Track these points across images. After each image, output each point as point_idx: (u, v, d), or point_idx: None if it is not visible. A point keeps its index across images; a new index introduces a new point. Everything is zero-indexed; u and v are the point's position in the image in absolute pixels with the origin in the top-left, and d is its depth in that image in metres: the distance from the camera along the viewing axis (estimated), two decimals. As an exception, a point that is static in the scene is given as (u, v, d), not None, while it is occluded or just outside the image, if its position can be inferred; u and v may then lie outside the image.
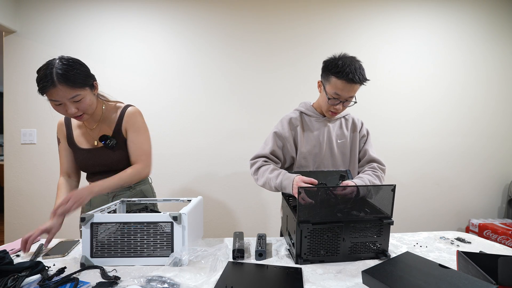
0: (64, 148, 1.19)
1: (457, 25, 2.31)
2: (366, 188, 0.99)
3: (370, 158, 1.23)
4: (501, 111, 2.39)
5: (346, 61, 1.08)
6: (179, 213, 0.88)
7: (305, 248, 0.89)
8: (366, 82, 1.11)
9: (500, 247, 1.06)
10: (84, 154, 1.15)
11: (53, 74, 0.95)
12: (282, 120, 1.26)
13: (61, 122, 1.21)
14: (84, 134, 1.17)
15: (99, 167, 1.16)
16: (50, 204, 2.09)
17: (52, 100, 0.98)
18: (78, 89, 1.00)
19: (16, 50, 2.04)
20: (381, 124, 2.27)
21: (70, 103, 1.00)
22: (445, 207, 2.38)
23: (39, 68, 0.99)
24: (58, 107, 1.01)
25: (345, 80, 1.06)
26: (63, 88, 0.96)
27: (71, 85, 0.97)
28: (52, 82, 0.95)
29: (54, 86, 0.95)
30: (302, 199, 0.89)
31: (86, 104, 1.04)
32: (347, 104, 1.15)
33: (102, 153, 1.15)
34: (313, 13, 2.20)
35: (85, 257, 0.87)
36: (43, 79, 0.95)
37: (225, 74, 2.16)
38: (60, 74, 0.95)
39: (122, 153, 1.16)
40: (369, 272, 0.72)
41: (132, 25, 2.09)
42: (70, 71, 0.97)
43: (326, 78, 1.14)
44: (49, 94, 0.97)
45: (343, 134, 1.25)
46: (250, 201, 2.21)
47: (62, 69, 0.96)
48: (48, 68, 0.96)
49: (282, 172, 1.11)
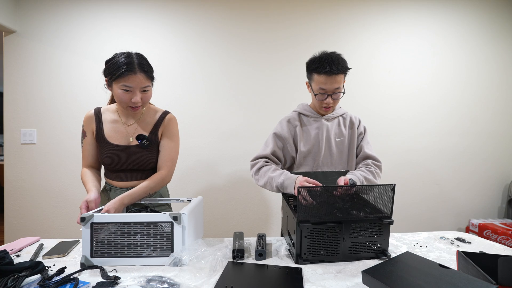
0: (89, 143, 1.18)
1: (457, 24, 2.31)
2: (361, 183, 1.00)
3: (365, 155, 1.25)
4: (501, 111, 2.39)
5: (323, 56, 1.13)
6: (179, 213, 0.88)
7: (305, 248, 0.89)
8: (347, 71, 1.16)
9: (500, 247, 1.06)
10: (114, 150, 1.15)
11: (135, 63, 1.04)
12: (281, 121, 1.29)
13: (91, 116, 1.18)
14: (117, 130, 1.16)
15: (127, 164, 1.16)
16: (50, 204, 2.10)
17: (126, 85, 1.04)
18: (149, 81, 1.10)
19: (16, 50, 2.04)
20: (381, 123, 2.27)
21: (139, 91, 1.07)
22: (445, 207, 2.38)
23: (115, 55, 1.07)
24: (126, 94, 1.06)
25: (324, 73, 1.11)
26: (141, 76, 1.05)
27: (147, 75, 1.07)
28: (134, 69, 1.03)
29: (134, 73, 1.04)
30: (303, 199, 0.90)
31: (149, 96, 1.12)
32: (336, 97, 1.18)
33: (133, 151, 1.15)
34: (313, 12, 2.20)
35: (85, 257, 0.87)
36: (125, 65, 1.03)
37: (225, 73, 2.16)
38: (141, 64, 1.06)
39: (152, 155, 1.19)
40: (369, 272, 0.72)
41: (132, 24, 2.09)
42: (147, 64, 1.09)
43: (310, 77, 1.20)
44: (125, 79, 1.03)
45: (341, 133, 1.26)
46: (250, 201, 2.21)
47: (142, 61, 1.08)
48: (129, 56, 1.05)
49: (285, 172, 1.12)
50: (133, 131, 1.17)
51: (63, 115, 2.08)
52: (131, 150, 1.15)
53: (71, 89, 2.07)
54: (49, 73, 2.05)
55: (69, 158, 2.09)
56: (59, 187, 2.10)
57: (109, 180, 1.21)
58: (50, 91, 2.06)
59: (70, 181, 2.10)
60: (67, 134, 2.08)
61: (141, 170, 1.18)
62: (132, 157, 1.15)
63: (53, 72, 2.05)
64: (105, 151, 1.15)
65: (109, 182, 1.22)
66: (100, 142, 1.16)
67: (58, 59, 2.06)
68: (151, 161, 1.19)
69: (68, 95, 2.07)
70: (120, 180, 1.18)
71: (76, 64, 2.07)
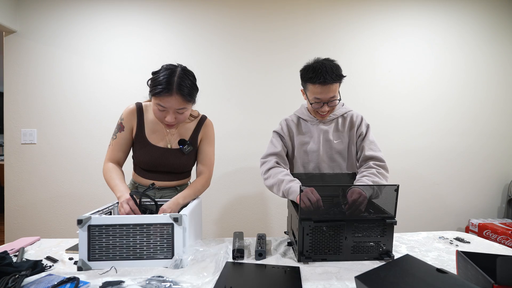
0: (124, 137, 1.14)
1: (457, 24, 2.30)
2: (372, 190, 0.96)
3: (366, 157, 1.19)
4: (501, 111, 2.39)
5: (317, 66, 1.10)
6: (180, 214, 0.88)
7: (307, 246, 0.90)
8: (342, 79, 1.13)
9: (499, 247, 1.06)
10: (156, 152, 1.14)
11: (174, 83, 0.97)
12: (281, 122, 1.31)
13: (132, 111, 1.15)
14: (158, 133, 1.16)
15: (165, 167, 1.16)
16: (50, 204, 2.10)
17: (160, 104, 1.00)
18: (186, 103, 1.03)
19: (16, 50, 2.03)
20: (381, 123, 2.27)
21: (173, 112, 1.02)
22: (444, 207, 2.38)
23: (158, 71, 1.01)
24: (161, 112, 1.02)
25: (319, 83, 1.09)
26: (178, 98, 0.99)
27: (184, 98, 1.00)
28: (171, 90, 0.97)
29: (170, 94, 0.98)
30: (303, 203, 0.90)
31: (185, 116, 1.06)
32: (331, 104, 1.15)
33: (174, 155, 1.16)
34: (313, 12, 2.20)
35: (82, 260, 0.85)
36: (163, 84, 0.97)
37: (225, 73, 2.16)
38: (181, 86, 0.98)
39: (190, 160, 1.21)
40: (361, 278, 0.70)
41: (132, 24, 2.09)
42: (188, 84, 1.01)
43: (304, 85, 1.18)
44: (161, 98, 0.99)
45: (340, 135, 1.24)
46: (250, 201, 2.21)
47: (184, 81, 0.99)
48: (170, 75, 0.98)
49: (296, 181, 1.09)
50: (174, 136, 1.17)
51: (63, 115, 2.08)
52: (172, 154, 1.16)
53: (71, 89, 2.07)
54: (49, 73, 2.05)
55: (69, 158, 2.09)
56: (59, 187, 2.10)
57: (139, 177, 1.21)
58: (50, 91, 2.06)
59: (70, 181, 2.10)
60: (67, 134, 2.08)
61: (175, 173, 1.19)
62: (172, 160, 1.16)
63: (53, 72, 2.05)
64: (145, 151, 1.14)
65: (137, 180, 1.22)
66: (140, 141, 1.14)
67: (58, 59, 2.06)
68: (187, 166, 1.21)
69: (68, 95, 2.07)
70: (151, 179, 1.18)
71: (76, 64, 2.07)
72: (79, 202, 2.11)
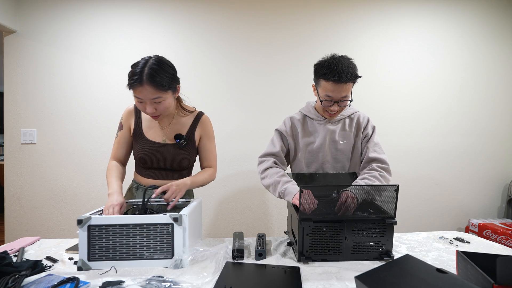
0: (124, 136, 1.20)
1: (457, 24, 2.30)
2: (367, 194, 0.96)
3: (369, 158, 1.18)
4: (500, 111, 2.39)
5: (332, 62, 1.06)
6: (180, 214, 0.88)
7: (307, 246, 0.90)
8: (357, 79, 1.09)
9: (499, 247, 1.06)
10: (153, 147, 1.16)
11: (144, 73, 0.99)
12: (285, 120, 1.27)
13: (130, 111, 1.20)
14: (154, 129, 1.18)
15: (162, 163, 1.17)
16: (50, 204, 2.10)
17: (136, 97, 1.03)
18: (160, 92, 1.02)
19: (16, 50, 2.03)
20: (381, 123, 2.27)
21: (150, 103, 1.03)
22: (444, 207, 2.38)
23: (134, 64, 1.02)
24: (140, 104, 1.05)
25: (332, 81, 1.05)
26: (149, 88, 1.00)
27: (155, 86, 1.00)
28: (141, 80, 0.98)
29: (141, 85, 0.99)
30: (302, 206, 0.90)
31: (164, 106, 1.06)
32: (342, 104, 1.12)
33: (171, 150, 1.17)
34: (313, 12, 2.20)
35: (82, 260, 0.85)
36: (134, 76, 0.99)
37: (224, 73, 2.16)
38: (149, 75, 0.99)
39: (188, 156, 1.20)
40: (361, 279, 0.70)
41: (132, 24, 2.09)
42: (159, 73, 1.00)
43: (317, 81, 1.14)
44: (135, 91, 1.01)
45: (346, 135, 1.22)
46: (250, 201, 2.21)
47: (152, 70, 0.99)
48: (142, 65, 1.00)
49: (292, 182, 1.09)
50: (170, 132, 1.18)
51: (63, 115, 2.08)
52: (168, 149, 1.17)
53: (71, 89, 2.07)
54: (50, 73, 2.05)
55: (69, 158, 2.09)
56: (59, 187, 2.10)
57: (139, 177, 1.21)
58: (50, 91, 2.06)
59: (70, 181, 2.10)
60: (67, 134, 2.08)
61: (175, 170, 1.20)
62: (169, 155, 1.17)
63: (53, 72, 2.05)
64: (142, 147, 1.16)
65: (138, 179, 1.23)
66: (138, 137, 1.17)
67: (58, 59, 2.06)
68: (187, 162, 1.21)
69: (68, 95, 2.07)
70: (151, 178, 1.19)
71: (77, 64, 2.07)
72: (79, 202, 2.11)
